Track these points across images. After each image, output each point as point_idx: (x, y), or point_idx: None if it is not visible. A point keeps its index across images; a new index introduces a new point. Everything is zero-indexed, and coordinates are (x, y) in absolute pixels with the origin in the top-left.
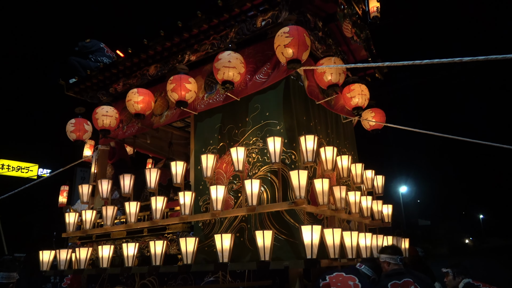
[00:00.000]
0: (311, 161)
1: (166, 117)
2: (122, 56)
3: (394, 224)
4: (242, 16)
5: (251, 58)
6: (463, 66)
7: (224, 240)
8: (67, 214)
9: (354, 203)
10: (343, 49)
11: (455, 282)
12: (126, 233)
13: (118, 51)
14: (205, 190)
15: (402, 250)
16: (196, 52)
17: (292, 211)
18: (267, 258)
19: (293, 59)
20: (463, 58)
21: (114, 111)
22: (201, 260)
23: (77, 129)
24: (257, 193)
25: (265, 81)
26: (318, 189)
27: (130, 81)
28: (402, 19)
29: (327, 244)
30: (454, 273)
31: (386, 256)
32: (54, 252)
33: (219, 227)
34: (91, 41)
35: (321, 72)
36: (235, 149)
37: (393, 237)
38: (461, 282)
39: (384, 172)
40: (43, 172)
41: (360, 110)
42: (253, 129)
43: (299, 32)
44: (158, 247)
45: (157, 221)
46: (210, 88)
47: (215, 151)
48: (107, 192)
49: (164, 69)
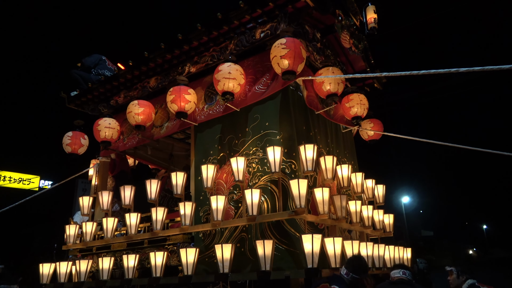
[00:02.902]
0: (311, 170)
1: (167, 129)
2: (123, 69)
3: (396, 234)
4: (242, 28)
5: (250, 69)
6: (464, 76)
7: (225, 251)
8: (67, 226)
9: (355, 213)
10: (342, 60)
11: (458, 281)
12: (127, 245)
13: (119, 64)
14: (206, 201)
15: (405, 260)
16: (196, 64)
17: (293, 220)
18: (268, 268)
19: (288, 70)
20: (459, 69)
21: (116, 124)
22: (202, 271)
23: (73, 142)
24: (257, 203)
25: (265, 91)
26: (319, 198)
27: (131, 93)
28: (400, 30)
29: (328, 254)
30: (458, 271)
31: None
32: (54, 264)
33: (219, 238)
34: (92, 56)
35: (320, 82)
36: (235, 159)
37: (395, 247)
38: (465, 283)
39: (386, 183)
40: (45, 184)
41: (359, 120)
42: (253, 139)
43: (295, 44)
44: (159, 259)
45: (158, 232)
46: (210, 99)
47: (215, 161)
48: (108, 204)
49: (165, 81)
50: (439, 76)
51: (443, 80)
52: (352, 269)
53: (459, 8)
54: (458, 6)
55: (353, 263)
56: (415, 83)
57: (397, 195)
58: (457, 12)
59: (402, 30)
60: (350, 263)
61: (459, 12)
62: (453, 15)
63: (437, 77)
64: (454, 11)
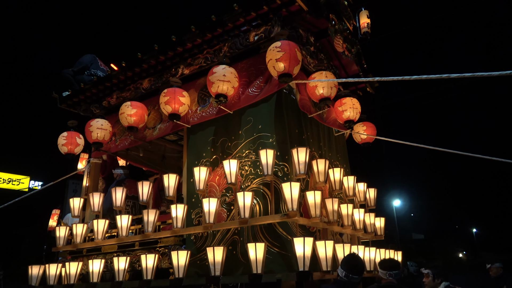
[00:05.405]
0: (303, 173)
1: (159, 130)
2: (116, 70)
3: (387, 238)
4: (236, 31)
5: (244, 72)
6: (456, 82)
7: (217, 253)
8: (57, 228)
9: (346, 216)
10: (335, 64)
11: (434, 284)
12: (117, 247)
13: (112, 64)
14: (198, 203)
15: None
16: (189, 65)
17: (285, 223)
18: (260, 271)
19: (284, 73)
20: (451, 75)
21: (108, 125)
22: (193, 274)
23: (69, 142)
24: (249, 205)
25: (258, 94)
26: (311, 202)
27: (124, 94)
28: (393, 34)
29: (319, 257)
30: (434, 274)
31: (380, 271)
32: (43, 266)
33: (211, 240)
34: (86, 56)
35: (313, 86)
36: (227, 161)
37: (386, 250)
38: (441, 285)
39: (378, 186)
40: (35, 184)
41: (352, 123)
42: (245, 142)
43: (290, 47)
44: (150, 261)
45: (149, 235)
46: (203, 101)
47: (208, 163)
48: (99, 205)
49: (158, 82)
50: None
51: (437, 85)
52: (348, 269)
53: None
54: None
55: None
56: (410, 87)
57: (389, 199)
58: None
59: (397, 33)
60: (347, 263)
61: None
62: (451, 18)
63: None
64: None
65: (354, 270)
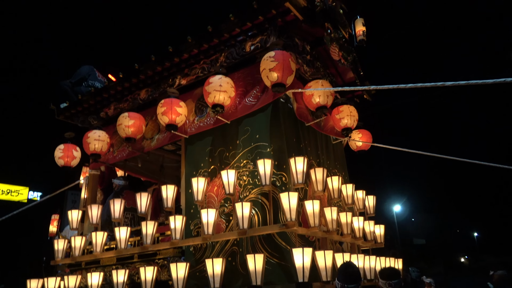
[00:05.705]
0: (301, 182)
1: (157, 141)
2: (113, 81)
3: (388, 244)
4: (232, 41)
5: (240, 82)
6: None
7: (216, 265)
8: (55, 240)
9: (345, 224)
10: (331, 72)
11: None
12: (116, 260)
13: (110, 75)
14: (196, 214)
15: None
16: (186, 76)
17: (284, 233)
18: (259, 282)
19: (277, 83)
20: (445, 83)
21: (106, 136)
22: (193, 286)
23: (66, 155)
24: (248, 216)
25: (255, 104)
26: (309, 211)
27: (121, 105)
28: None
29: (319, 267)
30: (436, 283)
31: (380, 280)
32: (42, 280)
33: (210, 252)
34: (84, 67)
35: (310, 95)
36: (225, 172)
37: (386, 258)
38: None
39: (377, 192)
40: (34, 195)
41: (349, 131)
42: (243, 152)
43: (284, 56)
44: (149, 273)
45: (148, 247)
46: (200, 111)
47: (206, 174)
48: (97, 217)
49: (155, 93)
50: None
51: (434, 89)
52: (344, 279)
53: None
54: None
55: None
56: (408, 92)
57: (389, 204)
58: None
59: (395, 37)
60: (341, 273)
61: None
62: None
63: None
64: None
65: (349, 279)
